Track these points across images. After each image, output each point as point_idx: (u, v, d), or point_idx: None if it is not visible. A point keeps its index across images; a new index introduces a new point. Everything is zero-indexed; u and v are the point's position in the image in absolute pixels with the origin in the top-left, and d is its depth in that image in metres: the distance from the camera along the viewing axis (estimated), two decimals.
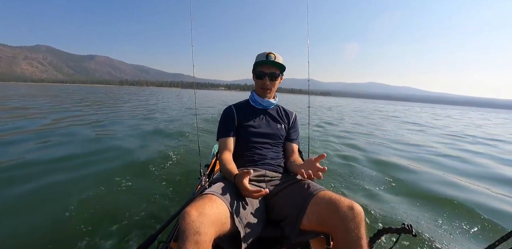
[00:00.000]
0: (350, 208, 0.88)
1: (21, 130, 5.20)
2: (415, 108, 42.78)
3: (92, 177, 2.85)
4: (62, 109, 9.88)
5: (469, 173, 3.71)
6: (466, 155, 5.07)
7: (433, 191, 2.87)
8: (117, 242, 1.70)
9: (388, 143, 5.93)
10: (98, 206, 2.16)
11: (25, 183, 2.57)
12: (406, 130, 8.98)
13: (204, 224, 0.78)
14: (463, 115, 27.11)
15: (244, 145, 1.35)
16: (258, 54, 1.36)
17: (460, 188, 3.02)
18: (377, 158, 4.24)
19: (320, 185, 1.09)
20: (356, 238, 0.84)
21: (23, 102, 11.97)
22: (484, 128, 12.34)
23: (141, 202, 2.24)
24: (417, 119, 14.90)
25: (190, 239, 0.75)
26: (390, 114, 19.02)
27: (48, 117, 7.26)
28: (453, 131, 9.47)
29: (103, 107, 11.59)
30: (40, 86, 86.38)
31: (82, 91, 38.16)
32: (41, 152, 3.63)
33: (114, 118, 7.82)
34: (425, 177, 3.38)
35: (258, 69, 1.33)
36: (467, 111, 45.51)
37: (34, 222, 1.92)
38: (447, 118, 18.91)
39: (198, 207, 0.83)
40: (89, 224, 1.87)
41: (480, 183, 3.27)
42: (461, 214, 2.30)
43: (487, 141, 7.38)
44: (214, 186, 1.03)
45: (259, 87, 1.38)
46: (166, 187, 2.62)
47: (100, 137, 4.91)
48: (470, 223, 2.16)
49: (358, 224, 0.85)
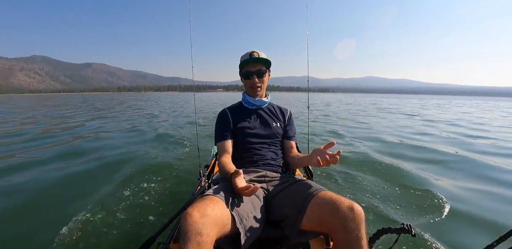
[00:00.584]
0: (350, 208, 0.87)
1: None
2: (413, 100, 42.75)
3: (92, 177, 2.92)
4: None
5: (469, 173, 3.57)
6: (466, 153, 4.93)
7: (433, 191, 2.76)
8: (117, 243, 1.70)
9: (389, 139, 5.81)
10: (98, 206, 2.17)
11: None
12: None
13: (206, 225, 0.78)
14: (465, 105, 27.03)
15: (243, 147, 1.36)
16: (242, 55, 1.36)
17: (460, 188, 2.92)
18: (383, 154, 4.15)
19: (320, 185, 1.09)
20: (356, 238, 0.83)
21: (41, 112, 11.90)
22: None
23: (140, 203, 2.26)
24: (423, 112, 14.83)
25: (192, 240, 0.74)
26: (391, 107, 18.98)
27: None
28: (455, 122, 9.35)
29: (95, 110, 11.66)
30: (39, 96, 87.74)
31: (92, 99, 38.65)
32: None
33: (113, 119, 7.88)
34: (424, 176, 3.27)
35: (244, 69, 1.34)
36: (471, 101, 45.49)
37: (37, 222, 1.99)
38: (453, 108, 18.85)
39: (200, 208, 0.83)
40: (88, 225, 1.88)
41: (480, 182, 3.16)
42: (461, 214, 2.23)
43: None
44: (215, 187, 1.03)
45: (248, 87, 1.37)
46: (166, 188, 2.63)
47: (98, 138, 5.03)
48: (470, 223, 2.10)
49: (358, 224, 0.85)
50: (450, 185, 2.99)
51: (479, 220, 2.15)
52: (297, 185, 1.13)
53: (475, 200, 2.56)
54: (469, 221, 2.13)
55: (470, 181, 3.11)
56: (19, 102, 28.17)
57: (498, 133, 6.93)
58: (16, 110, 15.35)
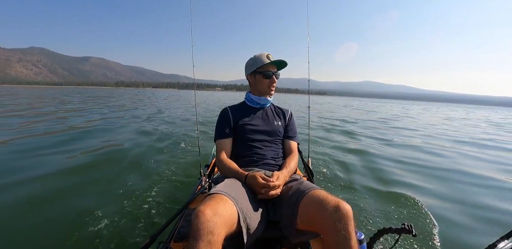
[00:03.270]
0: (336, 208, 0.85)
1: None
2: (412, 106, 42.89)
3: (91, 176, 2.86)
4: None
5: (468, 172, 3.72)
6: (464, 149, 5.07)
7: (433, 190, 2.87)
8: (117, 242, 1.69)
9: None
10: (97, 206, 2.16)
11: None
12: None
13: (218, 225, 0.78)
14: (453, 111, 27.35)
15: (243, 145, 1.37)
16: (255, 56, 1.40)
17: (460, 187, 3.03)
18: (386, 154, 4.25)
19: (316, 184, 1.07)
20: (344, 238, 0.81)
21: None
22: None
23: (140, 203, 2.24)
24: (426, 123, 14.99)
25: (203, 239, 0.74)
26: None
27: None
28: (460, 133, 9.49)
29: (93, 105, 11.57)
30: (32, 88, 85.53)
31: (101, 91, 37.91)
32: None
33: (111, 119, 7.78)
34: (423, 175, 3.39)
35: (265, 69, 1.37)
36: (464, 108, 45.93)
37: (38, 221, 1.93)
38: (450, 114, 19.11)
39: (212, 206, 0.82)
40: (87, 225, 1.86)
41: (480, 181, 3.29)
42: (461, 214, 2.30)
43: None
44: (220, 186, 1.02)
45: (266, 86, 1.41)
46: (166, 187, 2.62)
47: (93, 133, 4.91)
48: (470, 222, 2.15)
49: (345, 224, 0.82)
50: (450, 185, 3.08)
51: (480, 220, 2.19)
52: (291, 184, 1.13)
53: (476, 200, 2.64)
54: (469, 221, 2.17)
55: (469, 180, 3.19)
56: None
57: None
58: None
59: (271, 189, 1.04)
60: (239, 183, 1.09)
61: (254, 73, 1.40)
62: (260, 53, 1.39)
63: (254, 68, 1.38)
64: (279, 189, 1.08)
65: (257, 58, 1.38)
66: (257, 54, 1.40)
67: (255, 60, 1.38)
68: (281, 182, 1.11)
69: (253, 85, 1.45)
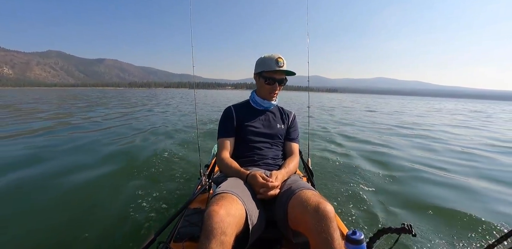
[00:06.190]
0: (316, 209, 0.84)
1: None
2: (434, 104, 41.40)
3: (90, 176, 2.89)
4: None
5: (468, 172, 3.59)
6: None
7: (432, 190, 2.81)
8: (117, 242, 1.71)
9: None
10: (97, 206, 2.19)
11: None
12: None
13: (231, 225, 0.77)
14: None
15: (244, 145, 1.37)
16: (265, 57, 1.35)
17: (459, 187, 2.94)
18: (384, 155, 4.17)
19: (308, 184, 1.07)
20: (326, 240, 0.79)
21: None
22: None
23: (140, 203, 2.26)
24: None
25: (217, 239, 0.72)
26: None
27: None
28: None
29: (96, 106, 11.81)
30: (59, 90, 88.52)
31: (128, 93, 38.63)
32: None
33: (111, 119, 7.89)
34: (423, 175, 3.31)
35: (269, 76, 1.33)
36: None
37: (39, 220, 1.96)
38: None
39: (226, 207, 0.81)
40: (87, 225, 1.89)
41: (479, 181, 3.18)
42: (461, 214, 2.25)
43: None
44: (226, 185, 1.02)
45: (267, 92, 1.39)
46: (165, 187, 2.63)
47: (95, 138, 5.00)
48: (470, 222, 2.11)
49: (327, 226, 0.80)
50: (449, 183, 3.01)
51: (480, 220, 2.15)
52: (285, 183, 1.13)
53: (476, 199, 2.58)
54: (470, 221, 2.14)
55: (469, 180, 3.10)
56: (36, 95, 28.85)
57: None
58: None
59: (270, 189, 1.03)
60: (242, 182, 1.10)
61: (259, 75, 1.38)
62: (271, 55, 1.33)
63: (259, 70, 1.36)
64: (278, 189, 1.07)
65: (266, 61, 1.33)
66: (267, 56, 1.34)
67: (263, 62, 1.34)
68: (280, 182, 1.10)
69: (258, 86, 1.44)
